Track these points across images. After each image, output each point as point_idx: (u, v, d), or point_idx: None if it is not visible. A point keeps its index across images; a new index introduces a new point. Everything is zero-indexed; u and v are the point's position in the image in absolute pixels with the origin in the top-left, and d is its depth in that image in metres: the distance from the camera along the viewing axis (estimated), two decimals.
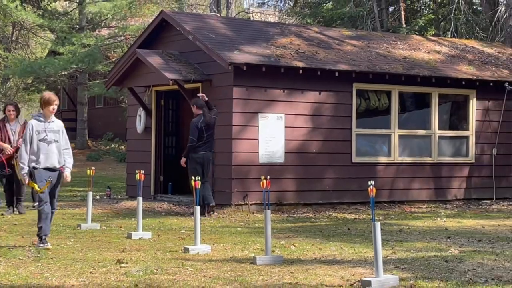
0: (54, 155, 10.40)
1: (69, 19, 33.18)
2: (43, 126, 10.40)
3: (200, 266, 9.00)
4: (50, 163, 10.38)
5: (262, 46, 17.08)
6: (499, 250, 10.41)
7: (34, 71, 29.94)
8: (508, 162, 19.39)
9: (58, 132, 10.49)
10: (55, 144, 10.42)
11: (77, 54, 29.16)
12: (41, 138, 10.33)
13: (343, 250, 10.39)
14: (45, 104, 10.44)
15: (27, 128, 10.45)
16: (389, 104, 17.91)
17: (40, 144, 10.33)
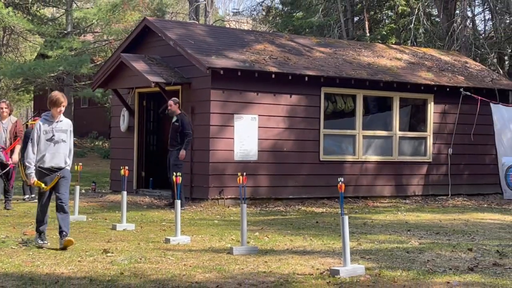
0: (61, 155, 9.62)
1: (56, 24, 32.98)
2: (51, 125, 9.63)
3: (181, 256, 9.00)
4: (55, 163, 9.59)
5: (238, 52, 17.09)
6: (455, 242, 10.50)
7: (23, 73, 29.69)
8: (462, 161, 19.55)
9: (66, 132, 9.71)
10: (62, 144, 9.65)
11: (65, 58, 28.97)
12: (49, 137, 9.57)
13: (313, 242, 10.43)
14: (52, 105, 9.64)
15: (34, 128, 9.66)
16: (354, 107, 17.98)
17: (47, 144, 9.56)
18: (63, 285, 7.23)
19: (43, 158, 9.56)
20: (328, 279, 7.56)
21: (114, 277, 7.61)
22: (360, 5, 30.05)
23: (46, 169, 9.57)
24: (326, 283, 7.39)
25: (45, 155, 9.54)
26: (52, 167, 9.59)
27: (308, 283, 7.39)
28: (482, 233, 11.70)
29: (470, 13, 29.30)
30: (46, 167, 9.57)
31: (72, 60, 29.17)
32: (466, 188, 19.53)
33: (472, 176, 19.69)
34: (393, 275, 7.79)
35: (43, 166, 9.57)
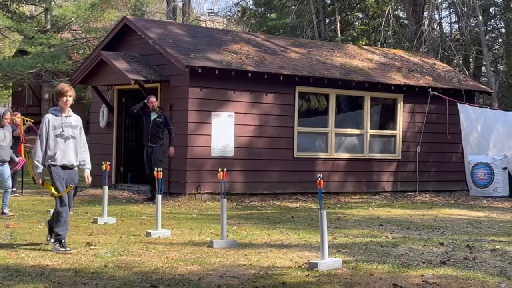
0: (71, 152, 8.70)
1: (35, 22, 32.68)
2: (60, 120, 8.70)
3: (162, 249, 8.98)
4: (67, 161, 8.68)
5: (216, 51, 17.06)
6: (426, 236, 10.59)
7: (3, 69, 29.36)
8: (430, 159, 19.70)
9: (76, 127, 8.79)
10: (72, 140, 8.72)
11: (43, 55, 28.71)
12: (58, 133, 8.63)
13: (289, 236, 10.45)
14: (58, 95, 8.75)
15: (42, 123, 8.67)
16: (327, 105, 18.04)
17: (56, 140, 8.63)
18: (48, 276, 7.18)
19: (54, 156, 8.65)
20: (307, 271, 7.59)
21: (99, 269, 7.59)
22: (332, 7, 30.15)
23: (59, 167, 8.67)
24: (305, 275, 7.42)
25: (56, 152, 8.63)
26: (64, 165, 8.69)
27: (288, 275, 7.41)
28: (451, 228, 11.81)
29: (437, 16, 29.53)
30: (58, 165, 8.66)
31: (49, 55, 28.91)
32: (433, 184, 19.69)
33: (439, 173, 19.86)
34: (370, 268, 7.84)
35: (55, 164, 8.66)
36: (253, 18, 31.86)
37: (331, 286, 6.92)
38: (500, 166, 18.36)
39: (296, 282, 7.07)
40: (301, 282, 7.08)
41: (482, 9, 28.73)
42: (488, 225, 12.37)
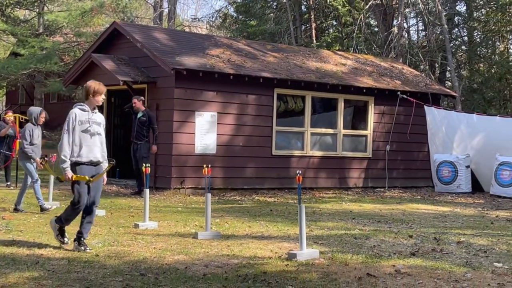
0: (97, 148, 8.11)
1: (29, 26, 32.42)
2: (87, 116, 8.10)
3: (150, 240, 8.93)
4: (94, 156, 8.07)
5: (199, 55, 17.01)
6: (396, 229, 10.61)
7: None
8: (398, 157, 19.78)
9: (100, 125, 8.25)
10: (98, 136, 8.15)
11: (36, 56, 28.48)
12: (84, 129, 8.02)
13: (269, 228, 10.44)
14: (94, 94, 8.17)
15: (69, 117, 8.03)
16: (303, 106, 18.05)
17: (82, 136, 8.00)
18: (43, 265, 7.12)
19: (80, 151, 8.02)
20: (286, 262, 7.58)
21: (90, 259, 7.54)
22: (307, 15, 30.16)
23: (85, 163, 8.04)
24: (285, 265, 7.41)
25: (83, 148, 8.01)
26: (91, 161, 8.08)
27: (269, 265, 7.40)
28: (418, 222, 11.85)
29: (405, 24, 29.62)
30: (84, 161, 8.03)
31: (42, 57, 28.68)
32: (401, 181, 19.77)
33: (406, 171, 19.94)
34: (345, 258, 7.85)
35: (81, 161, 8.01)
36: (234, 25, 31.80)
37: (310, 275, 6.92)
38: (463, 164, 18.47)
39: (276, 271, 7.06)
40: (281, 271, 7.07)
41: (447, 18, 28.88)
42: (453, 219, 12.43)
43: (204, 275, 6.82)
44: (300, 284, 6.49)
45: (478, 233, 10.41)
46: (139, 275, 6.76)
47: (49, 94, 37.44)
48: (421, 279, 6.78)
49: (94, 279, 6.54)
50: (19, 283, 6.30)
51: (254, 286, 6.40)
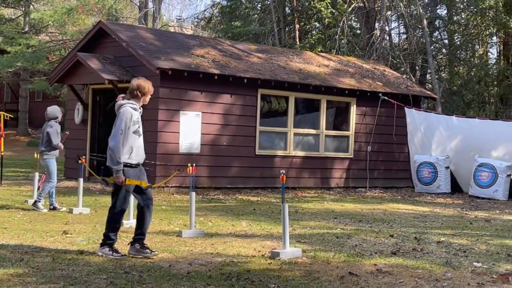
0: (142, 149, 7.65)
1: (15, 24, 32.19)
2: (137, 116, 7.58)
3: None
4: (141, 158, 7.63)
5: (184, 55, 16.96)
6: (377, 229, 10.63)
7: None
8: (379, 158, 19.84)
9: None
10: (142, 137, 7.69)
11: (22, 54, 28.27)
12: (135, 129, 7.49)
13: (252, 227, 10.42)
14: (146, 93, 7.67)
15: (125, 117, 7.40)
16: (286, 107, 18.05)
17: (133, 137, 7.48)
18: (28, 262, 7.07)
19: (131, 153, 7.48)
20: (269, 260, 7.57)
21: (75, 256, 7.49)
22: (291, 17, 30.16)
23: (134, 166, 7.55)
24: (268, 263, 7.39)
25: (133, 150, 7.47)
26: (138, 163, 7.59)
27: (252, 263, 7.38)
28: (399, 222, 11.88)
29: (387, 27, 29.71)
30: (134, 164, 7.52)
31: (29, 56, 28.49)
32: (382, 181, 19.83)
33: (387, 171, 20.00)
34: (327, 257, 7.84)
35: (131, 163, 7.48)
36: (219, 25, 31.75)
37: (292, 273, 6.91)
38: (443, 165, 18.55)
39: (259, 270, 7.04)
40: (265, 270, 7.05)
41: (428, 21, 29.00)
42: (433, 219, 12.48)
43: (188, 273, 6.79)
44: (283, 283, 6.48)
45: (457, 233, 10.45)
46: (123, 272, 6.72)
47: (34, 92, 37.22)
48: (402, 278, 6.79)
49: (79, 276, 6.49)
50: (3, 280, 6.24)
51: (238, 284, 6.38)
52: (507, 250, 8.84)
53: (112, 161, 7.37)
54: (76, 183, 14.46)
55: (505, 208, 15.37)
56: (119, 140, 7.34)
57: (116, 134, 7.38)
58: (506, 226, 11.72)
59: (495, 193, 17.41)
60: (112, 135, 7.41)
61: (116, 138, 7.35)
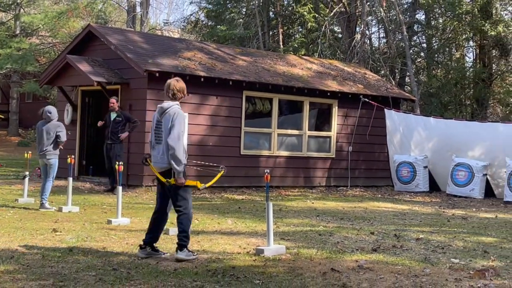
0: None
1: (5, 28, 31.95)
2: None
3: (122, 235, 8.85)
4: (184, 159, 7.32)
5: (171, 57, 16.90)
6: (358, 226, 10.65)
7: None
8: (360, 158, 19.87)
9: None
10: None
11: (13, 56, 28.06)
12: (182, 130, 7.29)
13: (237, 224, 10.40)
14: (183, 91, 7.53)
15: (183, 119, 7.24)
16: (271, 108, 18.04)
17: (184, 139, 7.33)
18: (18, 259, 7.01)
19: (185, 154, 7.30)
20: (254, 257, 7.56)
21: (64, 254, 7.44)
22: (275, 21, 30.18)
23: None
24: (253, 260, 7.38)
25: (185, 151, 7.34)
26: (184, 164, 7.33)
27: (238, 260, 7.36)
28: (379, 219, 11.91)
29: (368, 31, 29.80)
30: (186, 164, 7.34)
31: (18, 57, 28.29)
32: (363, 180, 19.87)
33: (368, 171, 20.04)
34: (310, 254, 7.84)
35: (185, 164, 7.28)
36: (205, 29, 31.68)
37: (276, 269, 6.90)
38: (421, 165, 18.62)
39: (245, 266, 7.03)
40: (250, 266, 7.04)
41: (407, 26, 29.10)
42: (412, 217, 12.52)
43: (175, 270, 6.76)
44: (267, 279, 6.47)
45: (435, 230, 10.49)
46: (112, 269, 6.68)
47: (25, 93, 36.99)
48: (382, 274, 6.80)
49: (68, 273, 6.45)
50: None
51: (223, 281, 6.36)
52: (484, 246, 8.88)
53: (176, 163, 7.13)
54: (65, 182, 14.37)
55: (481, 206, 15.45)
56: (180, 142, 7.16)
57: (178, 136, 7.16)
58: (482, 223, 11.78)
59: (472, 192, 17.50)
60: (172, 137, 7.12)
61: (177, 140, 7.13)
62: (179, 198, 7.32)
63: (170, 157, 7.13)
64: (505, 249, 8.75)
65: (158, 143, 7.32)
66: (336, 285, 6.25)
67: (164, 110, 7.33)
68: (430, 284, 6.40)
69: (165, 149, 7.21)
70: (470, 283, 6.45)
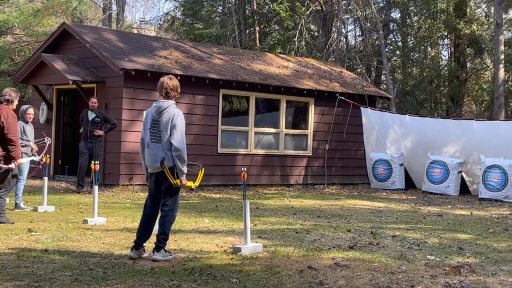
0: None
1: None
2: None
3: (99, 235, 8.78)
4: None
5: (147, 56, 16.82)
6: (335, 224, 10.68)
7: None
8: (337, 156, 19.95)
9: None
10: None
11: None
12: None
13: (214, 223, 10.38)
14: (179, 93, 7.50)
15: (182, 119, 7.22)
16: (247, 107, 18.04)
17: None
18: None
19: None
20: (231, 255, 7.54)
21: (40, 254, 7.36)
22: (252, 19, 30.13)
23: None
24: (230, 259, 7.37)
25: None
26: None
27: (215, 259, 7.34)
28: (356, 217, 11.96)
29: (344, 30, 29.90)
30: None
31: None
32: (339, 178, 19.95)
33: (344, 168, 20.12)
34: (287, 252, 7.85)
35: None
36: (182, 27, 31.54)
37: (254, 268, 6.89)
38: (397, 162, 18.73)
39: (222, 265, 7.01)
40: (227, 265, 7.02)
41: (383, 24, 29.25)
42: (388, 214, 12.59)
43: (151, 269, 6.73)
44: (244, 277, 6.46)
45: (411, 227, 10.55)
46: (88, 269, 6.63)
47: None
48: (359, 271, 6.82)
49: (43, 273, 6.38)
50: None
51: (200, 279, 6.34)
52: (459, 243, 8.96)
53: (182, 164, 7.13)
54: (40, 182, 14.27)
55: (456, 203, 15.58)
56: (185, 143, 7.15)
57: (182, 137, 7.11)
58: (457, 220, 11.88)
59: (447, 189, 17.64)
60: (177, 139, 7.07)
61: (182, 141, 7.11)
62: (170, 198, 7.31)
63: (176, 158, 7.08)
64: (480, 245, 8.83)
65: (155, 142, 7.22)
66: (313, 283, 6.26)
67: (162, 110, 7.22)
68: (406, 281, 6.43)
69: (166, 149, 7.12)
70: (445, 280, 6.49)
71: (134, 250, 7.31)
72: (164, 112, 7.19)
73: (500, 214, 13.24)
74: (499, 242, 9.17)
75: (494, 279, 6.59)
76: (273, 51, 25.84)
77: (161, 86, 7.35)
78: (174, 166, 7.14)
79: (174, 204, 7.32)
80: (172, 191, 7.28)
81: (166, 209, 7.27)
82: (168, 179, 7.16)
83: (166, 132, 7.12)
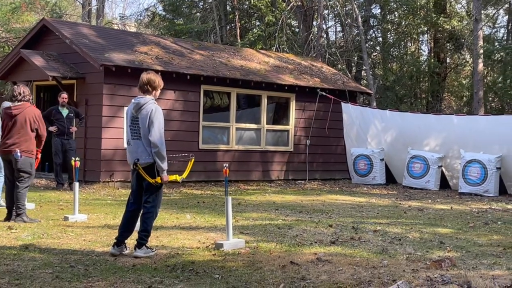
0: None
1: None
2: None
3: (80, 232, 8.72)
4: None
5: (128, 52, 16.73)
6: (316, 219, 10.69)
7: None
8: (318, 151, 19.98)
9: None
10: None
11: None
12: None
13: (196, 219, 10.36)
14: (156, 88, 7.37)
15: (161, 115, 7.22)
16: (229, 102, 18.01)
17: None
18: None
19: None
20: (213, 251, 7.53)
21: (20, 251, 7.30)
22: (232, 15, 30.09)
23: None
24: (212, 255, 7.35)
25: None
26: None
27: (197, 255, 7.32)
28: (337, 212, 11.98)
29: (324, 25, 29.93)
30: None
31: None
32: (320, 173, 19.99)
33: (325, 164, 20.17)
34: (269, 247, 7.85)
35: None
36: (162, 23, 31.41)
37: (236, 263, 6.88)
38: (378, 157, 18.80)
39: (204, 261, 6.99)
40: (209, 261, 7.01)
41: (363, 20, 29.32)
42: (369, 209, 12.63)
43: (133, 266, 6.69)
44: (226, 273, 6.45)
45: (392, 222, 10.60)
46: (69, 266, 6.58)
47: None
48: (341, 266, 6.83)
49: (24, 271, 6.33)
50: None
51: (183, 275, 6.32)
52: (440, 237, 9.01)
53: (161, 160, 7.09)
54: None
55: (436, 197, 15.67)
56: (163, 139, 7.11)
57: (159, 133, 7.10)
58: (438, 214, 11.95)
59: (427, 184, 17.74)
60: (154, 135, 7.06)
61: (160, 137, 7.09)
62: (152, 195, 7.28)
63: (155, 155, 7.06)
64: (461, 239, 8.89)
65: (135, 138, 7.19)
66: (295, 278, 6.27)
67: (140, 106, 7.18)
68: (388, 275, 6.45)
69: (145, 145, 7.10)
70: (427, 274, 6.52)
71: (115, 247, 7.28)
72: (142, 109, 7.16)
73: (480, 208, 13.34)
74: (479, 236, 9.23)
75: (474, 273, 6.63)
76: (254, 47, 25.81)
77: (139, 82, 7.33)
78: (154, 162, 7.08)
79: (156, 201, 7.29)
80: (153, 188, 7.25)
81: (148, 206, 7.25)
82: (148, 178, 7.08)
83: (145, 130, 7.08)
